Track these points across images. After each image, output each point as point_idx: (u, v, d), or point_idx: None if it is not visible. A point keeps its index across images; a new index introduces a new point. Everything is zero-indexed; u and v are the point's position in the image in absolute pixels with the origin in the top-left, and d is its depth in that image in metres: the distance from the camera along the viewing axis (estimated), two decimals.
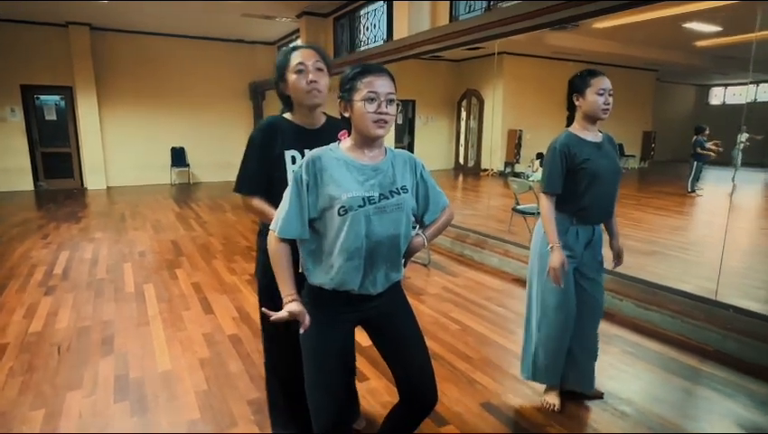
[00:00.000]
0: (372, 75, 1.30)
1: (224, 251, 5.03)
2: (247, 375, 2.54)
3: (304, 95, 1.61)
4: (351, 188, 1.31)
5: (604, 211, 2.14)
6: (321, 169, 1.33)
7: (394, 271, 1.42)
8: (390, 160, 1.41)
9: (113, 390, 2.39)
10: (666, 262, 4.60)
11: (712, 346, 2.81)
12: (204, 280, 4.09)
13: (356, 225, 1.30)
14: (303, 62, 1.59)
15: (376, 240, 1.33)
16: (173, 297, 3.70)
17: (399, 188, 1.38)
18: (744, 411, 2.24)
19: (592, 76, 2.03)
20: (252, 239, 5.60)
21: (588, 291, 2.18)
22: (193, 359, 2.71)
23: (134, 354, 2.76)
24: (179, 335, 3.02)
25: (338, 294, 1.36)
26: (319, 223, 1.35)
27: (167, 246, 5.24)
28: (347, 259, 1.31)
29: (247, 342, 2.93)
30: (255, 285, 3.94)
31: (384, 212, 1.34)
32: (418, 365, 1.47)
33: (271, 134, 1.65)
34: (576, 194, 2.07)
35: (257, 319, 3.25)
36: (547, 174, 2.09)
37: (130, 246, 5.22)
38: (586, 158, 2.04)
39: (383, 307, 1.44)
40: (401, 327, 1.49)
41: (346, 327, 1.43)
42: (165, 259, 4.74)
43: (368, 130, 1.32)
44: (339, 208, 1.29)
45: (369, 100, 1.29)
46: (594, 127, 2.11)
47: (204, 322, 3.23)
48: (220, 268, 4.45)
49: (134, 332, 3.07)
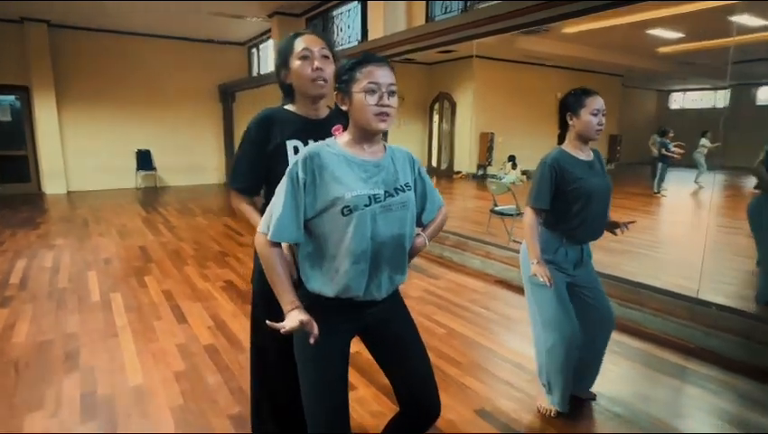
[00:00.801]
0: (372, 64, 1.21)
1: (196, 257, 4.82)
2: (226, 388, 2.39)
3: (309, 84, 1.49)
4: (355, 186, 1.21)
5: (595, 230, 2.09)
6: (320, 166, 1.21)
7: (398, 274, 1.33)
8: (390, 156, 1.32)
9: (79, 409, 2.20)
10: (637, 260, 4.68)
11: (695, 344, 2.84)
12: (176, 288, 3.89)
13: (362, 226, 1.20)
14: (308, 48, 1.48)
15: (381, 242, 1.23)
16: (142, 306, 3.49)
17: (403, 185, 1.30)
18: (731, 408, 2.25)
19: (586, 95, 1.98)
20: (225, 244, 5.40)
21: (594, 304, 2.11)
22: (167, 372, 2.54)
23: (102, 369, 2.57)
24: (151, 347, 2.84)
25: (340, 301, 1.25)
26: (316, 224, 1.24)
27: (135, 252, 4.99)
28: (352, 263, 1.21)
29: (224, 352, 2.78)
30: (230, 292, 3.81)
31: (389, 210, 1.24)
32: (421, 375, 1.38)
33: (268, 126, 1.52)
34: (568, 215, 2.02)
35: (233, 328, 3.11)
36: (536, 188, 2.02)
37: (94, 253, 4.95)
38: (579, 177, 1.98)
39: (382, 314, 1.35)
40: (401, 335, 1.40)
41: (345, 337, 1.33)
42: (133, 265, 4.50)
43: (369, 124, 1.22)
44: (342, 208, 1.19)
45: (369, 92, 1.20)
46: (586, 146, 2.07)
47: (177, 332, 3.05)
48: (193, 274, 4.26)
49: (101, 345, 2.87)
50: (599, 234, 2.10)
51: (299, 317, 1.19)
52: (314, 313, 1.24)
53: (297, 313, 1.20)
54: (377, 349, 1.41)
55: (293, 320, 1.18)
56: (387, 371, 1.41)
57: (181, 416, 2.15)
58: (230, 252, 5.02)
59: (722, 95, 15.75)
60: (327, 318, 1.26)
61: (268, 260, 1.24)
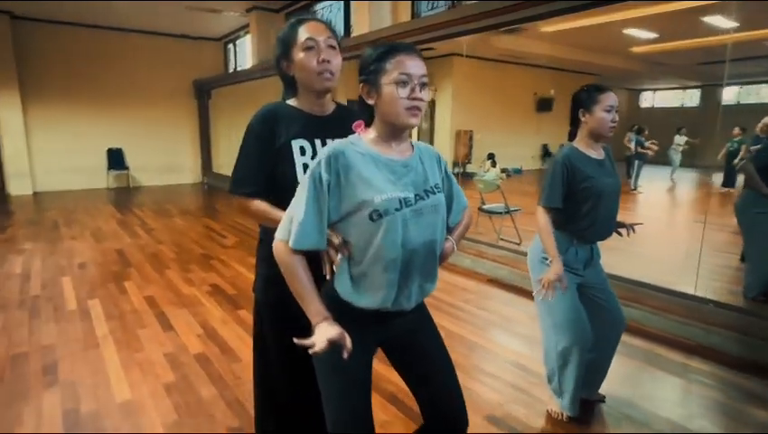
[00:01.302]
0: (403, 54, 1.11)
1: (177, 260, 4.62)
2: (222, 400, 2.26)
3: (315, 77, 1.35)
4: (384, 188, 1.11)
5: (606, 230, 2.04)
6: (346, 166, 1.11)
7: (429, 282, 1.23)
8: (419, 154, 1.22)
9: (62, 427, 2.04)
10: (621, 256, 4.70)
11: (695, 341, 2.84)
12: (159, 293, 3.71)
13: (392, 232, 1.10)
14: (313, 38, 1.34)
15: (412, 249, 1.13)
16: (124, 313, 3.30)
17: (433, 186, 1.20)
18: (739, 406, 2.25)
19: (599, 92, 1.92)
20: (207, 246, 5.21)
21: (605, 304, 2.06)
22: (157, 385, 2.39)
23: (84, 384, 2.39)
24: (136, 358, 2.67)
25: (366, 311, 1.16)
26: (340, 229, 1.14)
27: (112, 256, 4.75)
28: (382, 273, 1.12)
29: (217, 361, 2.63)
30: (217, 296, 3.65)
31: (421, 214, 1.15)
32: (447, 388, 1.29)
33: (272, 122, 1.38)
34: (578, 214, 1.96)
35: (224, 335, 2.96)
36: (547, 186, 1.96)
37: (68, 257, 4.69)
38: (590, 176, 1.93)
39: (408, 324, 1.25)
40: (427, 346, 1.31)
41: (370, 347, 1.24)
42: (111, 270, 4.28)
43: (399, 119, 1.12)
44: (371, 212, 1.09)
45: (401, 84, 1.10)
46: (597, 144, 2.01)
47: (164, 341, 2.89)
48: (176, 278, 4.07)
49: (81, 357, 2.68)
50: (609, 234, 2.06)
51: (329, 334, 1.07)
52: (341, 320, 1.14)
53: (327, 326, 1.10)
54: (401, 361, 1.31)
55: (323, 335, 1.07)
56: (411, 383, 1.32)
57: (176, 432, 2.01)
58: (214, 255, 4.83)
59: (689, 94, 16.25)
60: (353, 327, 1.15)
61: (291, 269, 1.13)
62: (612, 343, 2.11)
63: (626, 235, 2.11)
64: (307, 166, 1.36)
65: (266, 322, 1.52)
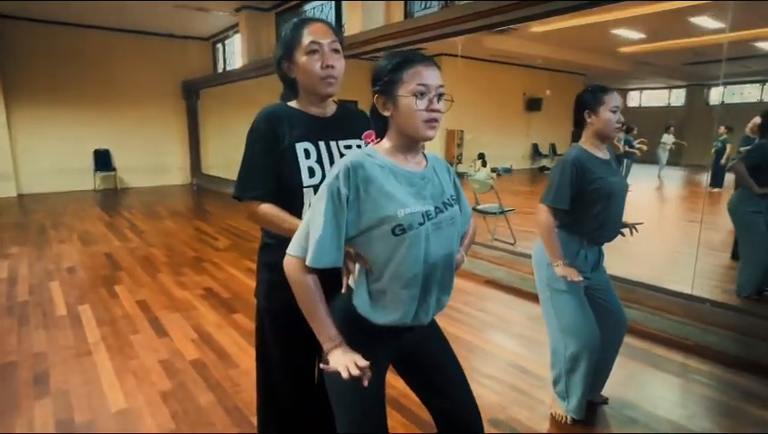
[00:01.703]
0: (420, 64, 1.08)
1: (169, 263, 4.55)
2: (221, 408, 2.21)
3: (318, 82, 1.32)
4: (407, 202, 1.07)
5: (614, 230, 2.03)
6: (366, 180, 1.06)
7: (446, 295, 1.20)
8: (432, 166, 1.19)
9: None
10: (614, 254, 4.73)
11: (692, 341, 2.86)
12: (151, 297, 3.63)
13: (416, 247, 1.06)
14: (317, 42, 1.30)
15: (433, 263, 1.10)
16: (116, 318, 3.23)
17: (449, 198, 1.17)
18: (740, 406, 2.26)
19: (604, 92, 1.90)
20: (199, 248, 5.13)
21: (608, 306, 2.06)
22: (153, 392, 2.33)
23: (77, 393, 2.33)
24: (130, 365, 2.61)
25: (385, 328, 1.12)
26: (358, 244, 1.10)
27: (101, 260, 4.65)
28: (403, 288, 1.08)
29: (214, 367, 2.58)
30: (211, 300, 3.59)
31: (440, 228, 1.12)
32: (462, 401, 1.26)
33: (276, 124, 1.32)
34: (589, 216, 1.94)
35: (221, 340, 2.91)
36: (555, 186, 1.92)
37: (56, 261, 4.58)
38: (600, 177, 1.91)
39: (417, 337, 1.23)
40: (439, 358, 1.28)
41: (384, 363, 1.21)
42: (101, 274, 4.19)
43: (418, 132, 1.09)
44: (394, 227, 1.05)
45: (419, 95, 1.06)
46: (603, 145, 2.00)
47: (159, 347, 2.83)
48: (168, 282, 4.00)
49: (73, 364, 2.61)
50: (615, 235, 2.05)
51: (346, 360, 1.04)
52: (355, 334, 1.11)
53: (341, 353, 1.06)
54: (412, 375, 1.28)
55: (345, 361, 1.04)
56: (423, 396, 1.29)
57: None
58: (206, 257, 4.76)
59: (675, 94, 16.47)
60: (368, 344, 1.12)
61: (304, 289, 1.08)
62: (615, 344, 2.10)
63: (629, 235, 2.11)
64: (312, 170, 1.32)
65: (269, 328, 1.48)
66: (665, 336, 2.94)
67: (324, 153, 1.35)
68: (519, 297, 3.71)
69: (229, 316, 3.28)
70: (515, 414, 2.17)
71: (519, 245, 4.83)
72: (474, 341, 2.95)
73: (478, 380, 2.47)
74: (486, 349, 2.85)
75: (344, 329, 1.12)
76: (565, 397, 2.08)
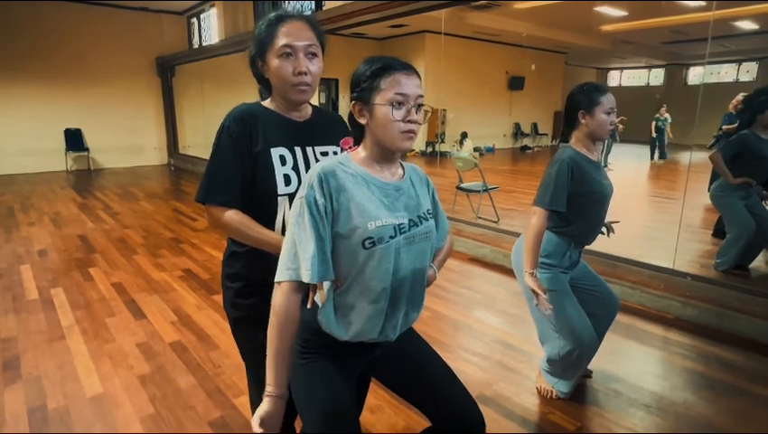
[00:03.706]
0: (399, 72, 1.01)
1: (146, 245, 4.41)
2: (202, 390, 2.15)
3: (289, 89, 1.21)
4: (379, 215, 1.01)
5: (597, 232, 2.00)
6: (337, 189, 1.01)
7: (415, 312, 1.15)
8: (409, 177, 1.13)
9: (28, 426, 1.90)
10: None
11: (672, 314, 2.90)
12: (128, 280, 3.52)
13: (385, 261, 1.01)
14: (290, 45, 1.18)
15: (402, 277, 1.05)
16: (91, 302, 3.12)
17: (425, 212, 1.11)
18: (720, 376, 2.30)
19: (600, 93, 1.81)
20: (177, 229, 5.00)
21: (597, 290, 2.03)
22: (130, 377, 2.26)
23: (50, 378, 2.24)
24: (107, 349, 2.52)
25: (350, 344, 1.08)
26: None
27: (74, 242, 4.49)
28: (370, 303, 1.03)
29: (194, 350, 2.51)
30: (190, 281, 3.50)
31: (413, 242, 1.06)
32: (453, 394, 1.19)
33: (250, 124, 1.22)
34: (581, 218, 1.89)
35: (200, 322, 2.84)
36: (552, 188, 1.81)
37: (26, 244, 4.41)
38: (595, 180, 1.86)
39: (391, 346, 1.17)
40: (417, 359, 1.21)
41: (352, 375, 1.15)
42: (74, 257, 4.04)
43: (393, 143, 1.02)
44: (364, 240, 0.99)
45: (396, 105, 1.00)
46: (594, 146, 1.92)
47: (136, 329, 2.74)
48: (145, 264, 3.88)
49: (46, 349, 2.51)
50: (597, 236, 2.03)
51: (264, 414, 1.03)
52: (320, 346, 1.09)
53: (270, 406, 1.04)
54: (394, 381, 1.22)
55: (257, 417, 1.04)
56: (414, 400, 1.22)
57: (154, 426, 1.90)
58: (184, 238, 4.64)
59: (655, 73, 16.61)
60: (334, 358, 1.09)
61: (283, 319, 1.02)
62: (605, 323, 2.08)
63: (607, 235, 2.10)
64: (288, 177, 1.22)
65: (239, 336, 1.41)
66: (645, 310, 2.98)
67: (301, 159, 1.26)
68: (503, 274, 3.71)
69: (208, 297, 3.20)
70: (501, 390, 2.17)
71: (503, 223, 4.82)
72: (460, 318, 2.94)
73: (464, 357, 2.46)
74: (472, 326, 2.84)
75: (310, 340, 1.08)
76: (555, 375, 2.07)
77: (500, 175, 8.94)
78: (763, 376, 2.32)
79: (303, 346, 1.09)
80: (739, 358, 2.47)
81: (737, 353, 2.51)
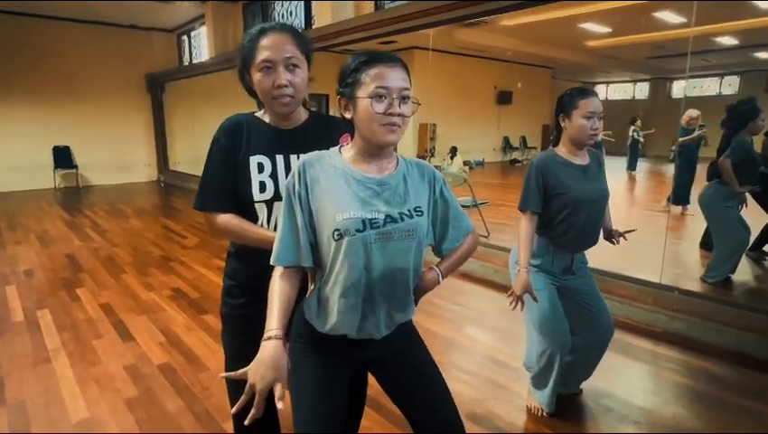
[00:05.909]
0: (382, 65, 1.02)
1: (134, 263, 4.37)
2: (190, 413, 2.12)
3: (270, 101, 1.25)
4: (347, 207, 1.03)
5: (585, 239, 1.96)
6: (314, 179, 1.06)
7: (400, 312, 1.14)
8: (403, 173, 1.13)
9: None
10: None
11: (660, 327, 2.92)
12: (115, 299, 3.48)
13: (352, 255, 1.03)
14: (269, 60, 1.20)
15: (378, 274, 1.06)
16: (77, 323, 3.08)
17: (412, 209, 1.09)
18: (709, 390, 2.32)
19: (581, 96, 1.79)
20: (167, 247, 4.96)
21: (593, 310, 2.00)
22: (117, 400, 2.22)
23: (35, 403, 2.20)
24: (93, 372, 2.48)
25: (333, 337, 1.10)
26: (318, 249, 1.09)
27: (61, 261, 4.44)
28: (341, 297, 1.05)
29: (182, 371, 2.48)
30: (179, 301, 3.47)
31: (390, 239, 1.05)
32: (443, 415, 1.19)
33: (236, 134, 1.29)
34: (553, 222, 1.91)
35: (189, 343, 2.81)
36: (523, 190, 1.90)
37: (11, 264, 4.34)
38: (565, 184, 1.85)
39: (390, 348, 1.18)
40: (416, 371, 1.21)
41: (343, 368, 1.16)
42: (61, 277, 3.99)
43: (375, 136, 1.03)
44: (332, 231, 1.02)
45: (377, 98, 1.01)
46: (580, 150, 1.92)
47: (124, 351, 2.71)
48: (133, 283, 3.84)
49: (30, 373, 2.47)
50: (591, 243, 1.99)
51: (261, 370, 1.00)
52: (310, 341, 1.12)
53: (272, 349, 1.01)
54: (390, 387, 1.23)
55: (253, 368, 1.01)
56: (404, 409, 1.23)
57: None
58: (174, 256, 4.60)
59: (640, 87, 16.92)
60: (323, 349, 1.11)
61: (271, 285, 1.08)
62: (600, 345, 2.06)
63: (617, 243, 2.07)
64: (264, 184, 1.27)
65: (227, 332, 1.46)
66: (634, 324, 3.00)
67: (281, 167, 1.29)
68: (494, 290, 3.72)
69: (198, 317, 3.17)
70: (493, 408, 2.16)
71: (493, 237, 4.85)
72: (451, 335, 2.94)
73: (456, 375, 2.46)
74: (463, 343, 2.84)
75: (300, 331, 1.13)
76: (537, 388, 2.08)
77: (489, 189, 9.01)
78: (751, 389, 2.34)
79: (298, 337, 1.14)
80: (727, 371, 2.49)
81: (725, 367, 2.53)
